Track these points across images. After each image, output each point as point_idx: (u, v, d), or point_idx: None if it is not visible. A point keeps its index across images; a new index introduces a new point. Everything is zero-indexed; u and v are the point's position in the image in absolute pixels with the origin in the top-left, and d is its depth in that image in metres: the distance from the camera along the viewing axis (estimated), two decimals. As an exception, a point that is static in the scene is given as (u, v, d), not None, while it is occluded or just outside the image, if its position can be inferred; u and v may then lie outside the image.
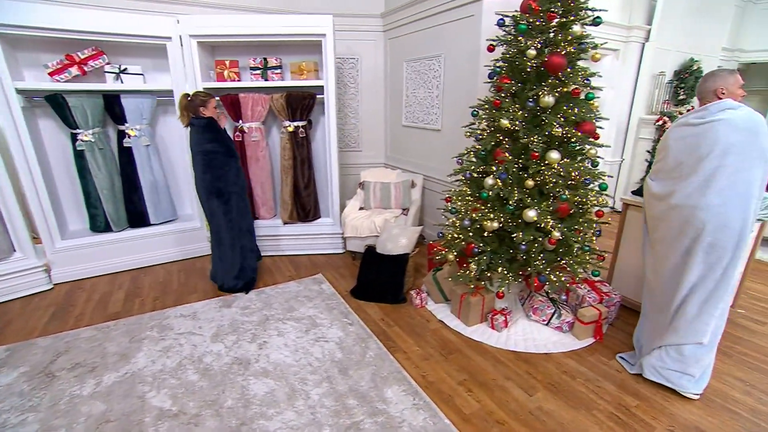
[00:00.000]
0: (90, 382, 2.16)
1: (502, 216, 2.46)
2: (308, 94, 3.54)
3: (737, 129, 1.84)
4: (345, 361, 2.33)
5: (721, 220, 1.85)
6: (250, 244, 3.21)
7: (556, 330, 2.60)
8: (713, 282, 1.92)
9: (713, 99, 1.96)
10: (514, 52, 2.37)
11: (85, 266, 3.39)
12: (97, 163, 3.34)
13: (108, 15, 3.05)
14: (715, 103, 1.94)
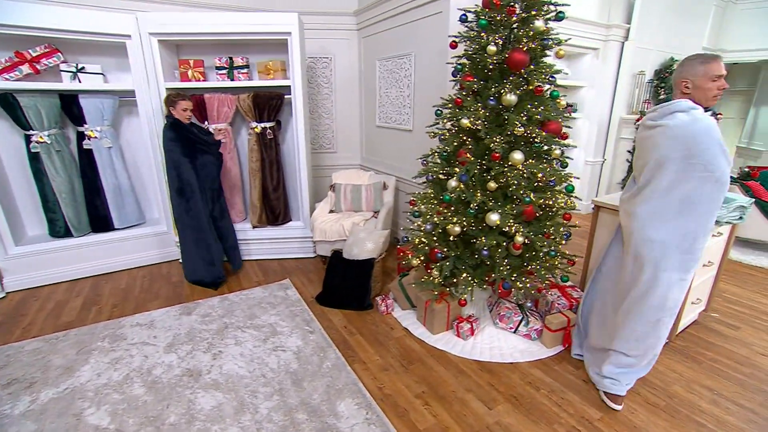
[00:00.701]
0: (25, 399, 2.04)
1: (465, 220, 2.37)
2: (276, 95, 3.43)
3: (675, 139, 1.65)
4: (300, 372, 2.22)
5: (644, 234, 1.77)
6: (217, 242, 3.25)
7: (524, 338, 2.51)
8: (637, 295, 1.84)
9: (677, 94, 1.78)
10: (476, 48, 2.28)
11: (42, 273, 3.26)
12: (55, 166, 3.21)
13: (61, 11, 2.93)
14: (667, 103, 1.76)
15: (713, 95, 1.71)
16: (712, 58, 1.70)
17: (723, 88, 1.72)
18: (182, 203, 3.06)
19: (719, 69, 1.69)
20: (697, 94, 1.73)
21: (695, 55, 1.77)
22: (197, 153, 3.06)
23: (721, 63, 1.71)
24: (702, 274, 2.45)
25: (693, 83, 1.72)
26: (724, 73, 1.70)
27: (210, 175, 3.16)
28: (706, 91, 1.71)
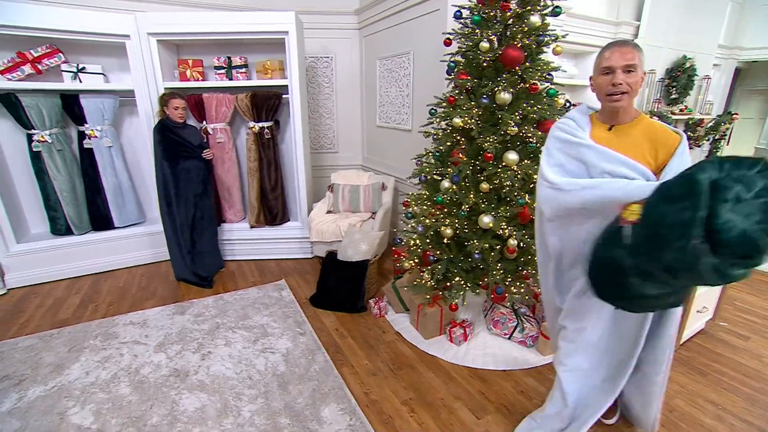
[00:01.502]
0: (12, 396, 2.04)
1: (457, 222, 2.30)
2: (274, 94, 3.42)
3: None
4: (287, 374, 2.19)
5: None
6: (195, 245, 3.27)
7: (519, 344, 2.43)
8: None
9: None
10: (470, 45, 2.22)
11: (43, 270, 3.30)
12: (56, 165, 3.25)
13: (62, 12, 2.96)
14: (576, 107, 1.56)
15: (606, 93, 1.34)
16: (607, 44, 1.36)
17: (617, 86, 1.30)
18: (163, 205, 3.11)
19: (609, 59, 1.31)
20: (597, 93, 1.40)
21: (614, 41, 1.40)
22: (180, 157, 3.07)
23: (618, 50, 1.30)
24: (708, 281, 2.33)
25: (594, 79, 1.40)
26: (615, 65, 1.29)
27: (192, 181, 3.13)
28: (599, 88, 1.37)
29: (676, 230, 1.00)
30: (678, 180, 1.07)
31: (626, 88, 1.30)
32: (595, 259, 1.32)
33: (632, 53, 1.29)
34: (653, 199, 1.11)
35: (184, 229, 3.16)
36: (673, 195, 1.05)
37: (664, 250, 1.04)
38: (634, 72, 1.29)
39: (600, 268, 1.31)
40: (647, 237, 1.10)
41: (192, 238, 3.21)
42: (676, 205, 1.01)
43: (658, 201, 1.09)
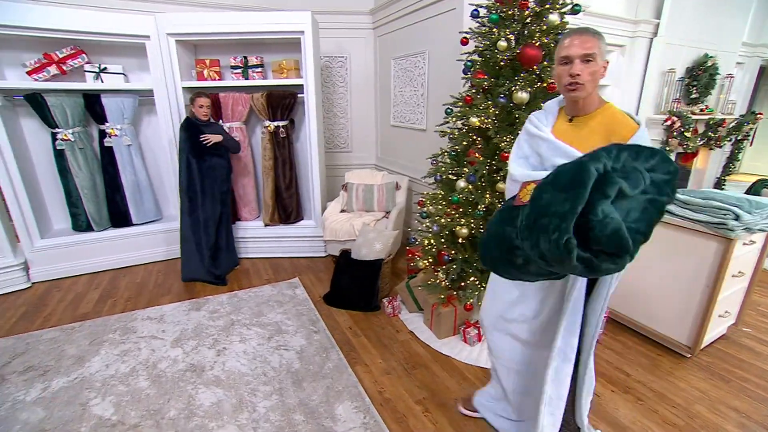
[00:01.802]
0: (37, 386, 2.10)
1: (473, 221, 2.29)
2: (289, 93, 3.45)
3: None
4: (302, 372, 2.20)
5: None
6: (217, 242, 3.32)
7: (534, 345, 2.40)
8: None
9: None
10: (487, 44, 2.21)
11: (65, 265, 3.39)
12: (78, 163, 3.33)
13: (86, 14, 3.03)
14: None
15: (564, 84, 1.28)
16: (566, 33, 1.30)
17: (575, 77, 1.24)
18: (185, 201, 3.16)
19: (567, 48, 1.25)
20: (557, 84, 1.35)
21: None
22: (204, 154, 3.12)
23: (577, 39, 1.24)
24: (731, 285, 2.28)
25: (554, 69, 1.35)
26: (573, 54, 1.23)
27: (217, 178, 3.21)
28: (558, 79, 1.31)
29: (554, 221, 0.97)
30: (569, 167, 1.02)
31: (585, 78, 1.24)
32: (488, 231, 1.30)
33: (591, 42, 1.23)
34: (545, 183, 1.06)
35: (208, 225, 3.21)
36: (561, 182, 1.01)
37: (541, 239, 1.01)
38: (593, 61, 1.24)
39: (490, 241, 1.27)
40: (529, 223, 1.06)
41: (216, 234, 3.27)
42: (561, 194, 0.98)
43: (549, 186, 1.04)
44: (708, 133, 4.49)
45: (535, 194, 1.07)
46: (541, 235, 1.00)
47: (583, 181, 0.94)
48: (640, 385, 2.08)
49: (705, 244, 2.12)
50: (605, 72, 1.29)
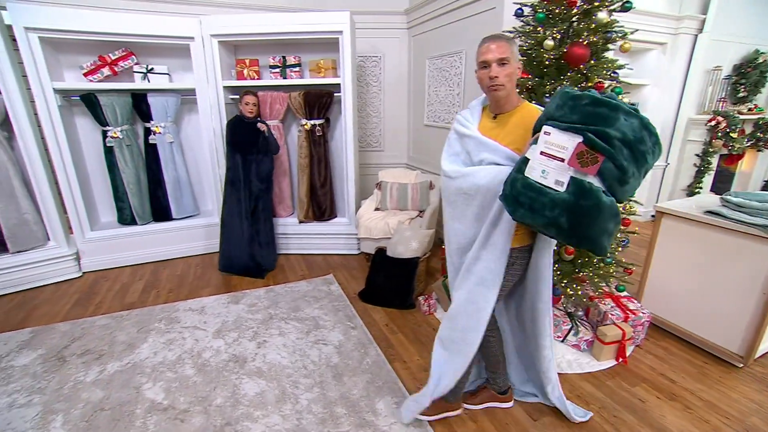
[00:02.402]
0: (95, 369, 2.23)
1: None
2: (326, 93, 3.50)
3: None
4: (341, 366, 2.25)
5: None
6: (258, 237, 3.42)
7: (572, 348, 2.38)
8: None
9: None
10: (532, 43, 2.19)
11: (112, 257, 3.56)
12: (125, 159, 3.49)
13: (137, 17, 3.17)
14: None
15: (486, 86, 1.45)
16: (483, 40, 1.44)
17: (494, 79, 1.40)
18: (228, 193, 3.30)
19: (485, 54, 1.41)
20: (480, 85, 1.50)
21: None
22: (248, 150, 3.24)
23: (492, 45, 1.39)
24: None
25: (476, 72, 1.50)
26: (490, 59, 1.39)
27: (259, 174, 3.33)
28: (480, 81, 1.48)
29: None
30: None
31: (502, 80, 1.41)
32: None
33: (505, 47, 1.40)
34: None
35: (248, 218, 3.32)
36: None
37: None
38: (508, 64, 1.40)
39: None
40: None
41: (256, 229, 3.37)
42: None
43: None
44: (756, 134, 4.30)
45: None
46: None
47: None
48: (687, 393, 2.02)
49: (761, 249, 2.04)
50: (520, 72, 1.49)
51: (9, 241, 3.04)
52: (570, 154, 1.12)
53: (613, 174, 1.10)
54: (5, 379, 2.16)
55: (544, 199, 1.16)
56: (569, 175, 1.13)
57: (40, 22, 2.87)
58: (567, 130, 1.13)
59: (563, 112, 1.17)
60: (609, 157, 1.08)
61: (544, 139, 1.19)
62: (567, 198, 1.13)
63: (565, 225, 1.14)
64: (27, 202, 3.11)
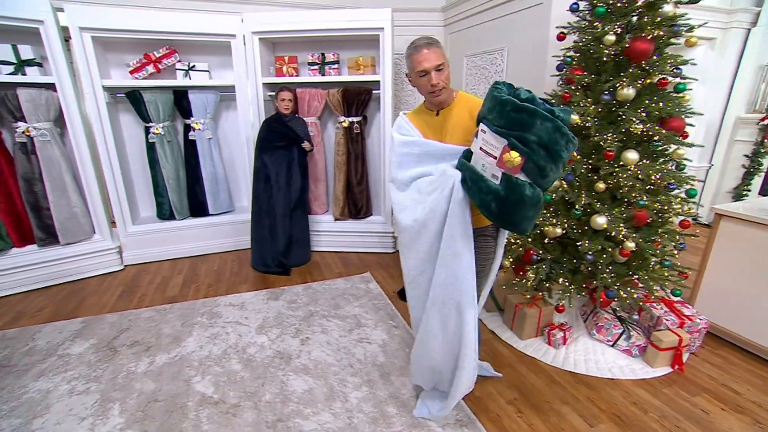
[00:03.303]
0: (144, 360, 2.27)
1: (567, 222, 2.22)
2: (364, 90, 3.49)
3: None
4: (387, 365, 2.23)
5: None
6: (291, 234, 3.41)
7: (623, 353, 2.30)
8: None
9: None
10: (589, 39, 2.12)
11: (152, 251, 3.63)
12: (165, 155, 3.55)
13: (180, 15, 3.22)
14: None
15: (427, 92, 1.53)
16: (416, 48, 1.48)
17: (435, 86, 1.48)
18: (260, 191, 3.29)
19: (422, 63, 1.46)
20: (419, 90, 1.58)
21: (412, 41, 1.52)
22: (282, 147, 3.24)
23: (428, 54, 1.45)
24: None
25: (412, 79, 1.56)
26: (429, 67, 1.46)
27: (292, 170, 3.32)
28: (420, 88, 1.55)
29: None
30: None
31: (442, 84, 1.49)
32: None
33: (438, 52, 1.48)
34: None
35: (279, 215, 3.31)
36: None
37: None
38: (443, 69, 1.49)
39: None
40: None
41: (289, 226, 3.36)
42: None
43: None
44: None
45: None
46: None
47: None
48: (755, 406, 1.93)
49: (835, 254, 1.93)
50: (449, 70, 1.55)
51: (60, 233, 3.13)
52: (499, 154, 1.29)
53: (534, 171, 1.28)
54: (63, 366, 2.22)
55: (482, 184, 1.35)
56: (500, 171, 1.31)
57: (93, 21, 2.96)
58: (496, 132, 1.29)
59: (493, 115, 1.30)
60: (529, 159, 1.25)
61: (481, 136, 1.35)
62: (498, 189, 1.32)
63: (495, 210, 1.34)
64: (76, 196, 3.19)
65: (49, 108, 2.99)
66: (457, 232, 1.47)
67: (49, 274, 3.16)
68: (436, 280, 1.55)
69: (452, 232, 1.47)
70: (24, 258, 3.07)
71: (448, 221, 1.46)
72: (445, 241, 1.48)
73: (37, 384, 2.08)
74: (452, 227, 1.46)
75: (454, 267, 1.51)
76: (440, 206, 1.48)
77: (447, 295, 1.55)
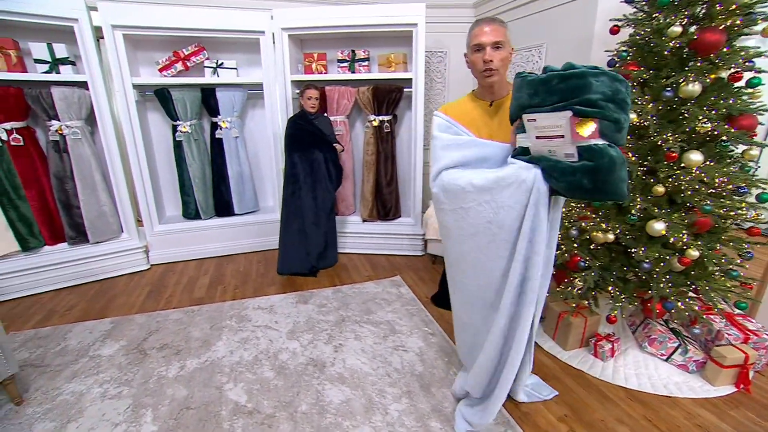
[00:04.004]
0: (175, 364, 2.21)
1: (619, 227, 2.08)
2: (395, 88, 3.39)
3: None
4: (427, 376, 2.12)
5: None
6: (318, 235, 3.28)
7: (679, 368, 2.15)
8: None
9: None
10: (648, 32, 1.98)
11: (177, 250, 3.60)
12: (192, 154, 3.52)
13: (210, 12, 3.18)
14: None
15: (480, 70, 1.43)
16: (477, 22, 1.41)
17: (488, 63, 1.39)
18: (288, 193, 3.16)
19: (479, 36, 1.39)
20: (472, 70, 1.49)
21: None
22: (310, 147, 3.13)
23: (487, 28, 1.38)
24: None
25: (468, 56, 1.48)
26: (485, 42, 1.38)
27: (320, 170, 3.19)
28: (474, 65, 1.46)
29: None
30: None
31: (497, 64, 1.40)
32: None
33: (499, 30, 1.39)
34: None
35: (308, 217, 3.21)
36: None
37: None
38: (502, 48, 1.40)
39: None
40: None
41: (317, 229, 3.26)
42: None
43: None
44: None
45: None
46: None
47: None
48: (836, 431, 1.76)
49: None
50: (511, 57, 1.46)
51: (89, 231, 3.12)
52: (567, 129, 1.19)
53: (610, 128, 1.18)
54: (95, 368, 2.18)
55: (562, 167, 1.23)
56: (575, 146, 1.21)
57: (125, 19, 2.94)
58: (552, 111, 1.20)
59: (540, 97, 1.22)
60: (602, 118, 1.16)
61: (532, 126, 1.26)
62: (584, 163, 1.20)
63: (589, 185, 1.22)
64: (105, 194, 3.18)
65: (81, 106, 2.98)
66: (539, 228, 1.35)
67: (79, 273, 3.15)
68: (511, 279, 1.42)
69: (534, 227, 1.35)
70: (55, 256, 3.06)
71: (531, 218, 1.34)
72: (523, 239, 1.36)
73: (70, 386, 2.04)
74: (534, 223, 1.35)
75: (529, 264, 1.39)
76: (520, 202, 1.35)
77: (516, 293, 1.44)
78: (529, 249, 1.37)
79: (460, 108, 1.60)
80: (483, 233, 1.45)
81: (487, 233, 1.44)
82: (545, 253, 1.41)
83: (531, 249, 1.37)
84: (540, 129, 1.25)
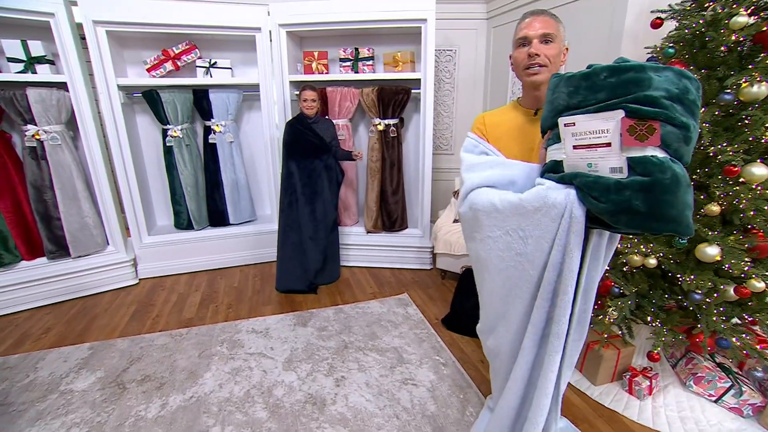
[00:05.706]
0: (156, 402, 1.96)
1: (661, 250, 1.81)
2: (402, 89, 3.12)
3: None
4: (440, 417, 1.86)
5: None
6: (321, 250, 3.06)
7: (731, 411, 1.88)
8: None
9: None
10: (700, 24, 1.71)
11: (168, 263, 3.36)
12: (183, 160, 3.27)
13: (202, 7, 2.93)
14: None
15: (523, 67, 1.21)
16: (522, 16, 1.22)
17: (534, 57, 1.17)
18: (285, 204, 2.95)
19: (525, 29, 1.19)
20: (515, 71, 1.27)
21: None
22: (309, 154, 2.89)
23: (535, 19, 1.18)
24: None
25: (511, 56, 1.27)
26: (531, 34, 1.17)
27: (320, 179, 2.95)
28: (517, 63, 1.24)
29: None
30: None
31: (544, 60, 1.17)
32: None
33: (549, 22, 1.18)
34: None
35: (307, 230, 2.97)
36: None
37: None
38: (553, 43, 1.18)
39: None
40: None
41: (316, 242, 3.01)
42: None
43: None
44: None
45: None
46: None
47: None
48: None
49: None
50: (565, 58, 1.24)
51: (71, 244, 2.88)
52: (617, 134, 0.92)
53: (676, 135, 0.91)
54: (65, 407, 1.93)
55: (606, 181, 0.94)
56: (624, 157, 0.93)
57: (108, 14, 2.71)
58: (597, 112, 0.95)
59: (581, 96, 0.98)
60: (665, 120, 0.89)
61: (569, 131, 1.00)
62: (636, 178, 0.92)
63: (642, 206, 0.92)
64: (88, 204, 2.93)
65: (60, 109, 2.74)
66: (568, 261, 1.07)
67: (59, 290, 2.91)
68: (534, 318, 1.17)
69: (564, 259, 1.08)
70: (33, 272, 2.82)
71: (561, 248, 1.07)
72: (550, 271, 1.10)
73: (32, 431, 1.79)
74: (564, 255, 1.07)
75: (556, 303, 1.12)
76: (550, 231, 1.08)
77: (539, 335, 1.20)
78: (558, 284, 1.11)
79: (500, 116, 1.34)
80: (514, 267, 1.19)
81: (518, 268, 1.18)
82: (580, 306, 1.15)
83: (558, 285, 1.11)
84: (579, 136, 0.98)
